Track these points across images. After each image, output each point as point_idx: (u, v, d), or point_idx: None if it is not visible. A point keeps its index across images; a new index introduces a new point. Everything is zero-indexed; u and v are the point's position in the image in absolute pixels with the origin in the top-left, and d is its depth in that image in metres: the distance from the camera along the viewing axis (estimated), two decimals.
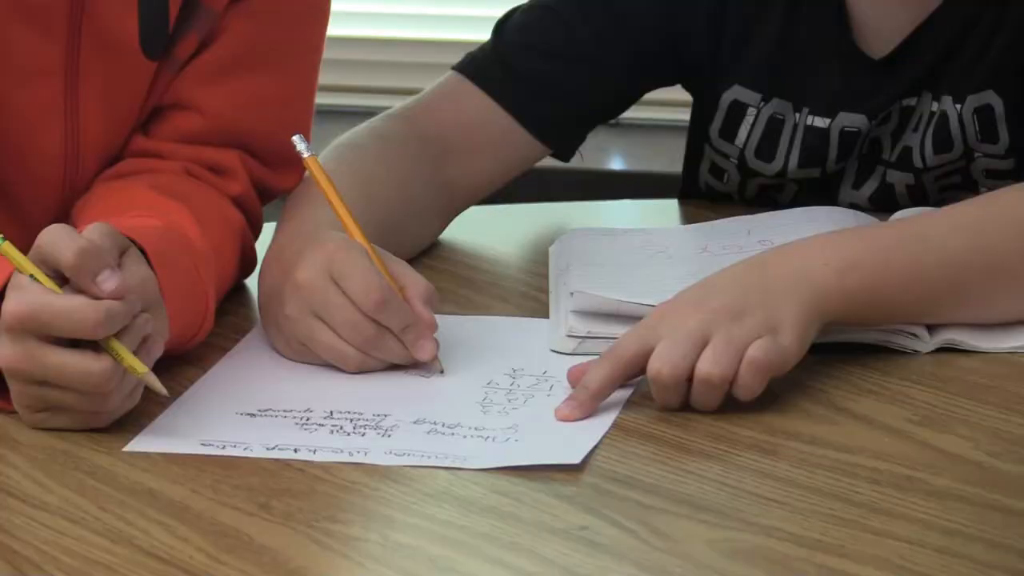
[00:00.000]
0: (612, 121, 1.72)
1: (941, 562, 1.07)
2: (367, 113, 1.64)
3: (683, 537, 1.12)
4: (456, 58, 1.67)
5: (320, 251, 1.36)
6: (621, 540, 1.12)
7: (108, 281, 1.23)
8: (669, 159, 1.77)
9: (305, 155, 1.41)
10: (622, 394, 1.30)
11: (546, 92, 1.63)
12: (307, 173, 1.48)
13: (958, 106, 1.60)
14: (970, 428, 1.26)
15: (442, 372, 1.35)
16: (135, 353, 1.24)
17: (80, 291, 1.23)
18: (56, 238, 1.24)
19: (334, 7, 1.57)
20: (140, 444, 1.25)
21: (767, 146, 1.66)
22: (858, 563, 1.07)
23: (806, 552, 1.10)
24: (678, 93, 1.74)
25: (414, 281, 1.37)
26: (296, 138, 1.41)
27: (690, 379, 1.28)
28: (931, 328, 1.39)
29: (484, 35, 1.68)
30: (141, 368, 1.25)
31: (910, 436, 1.26)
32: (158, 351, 1.28)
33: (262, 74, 1.52)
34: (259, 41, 1.51)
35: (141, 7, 1.45)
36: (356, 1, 2.71)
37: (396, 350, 1.35)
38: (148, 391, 1.27)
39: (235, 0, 1.49)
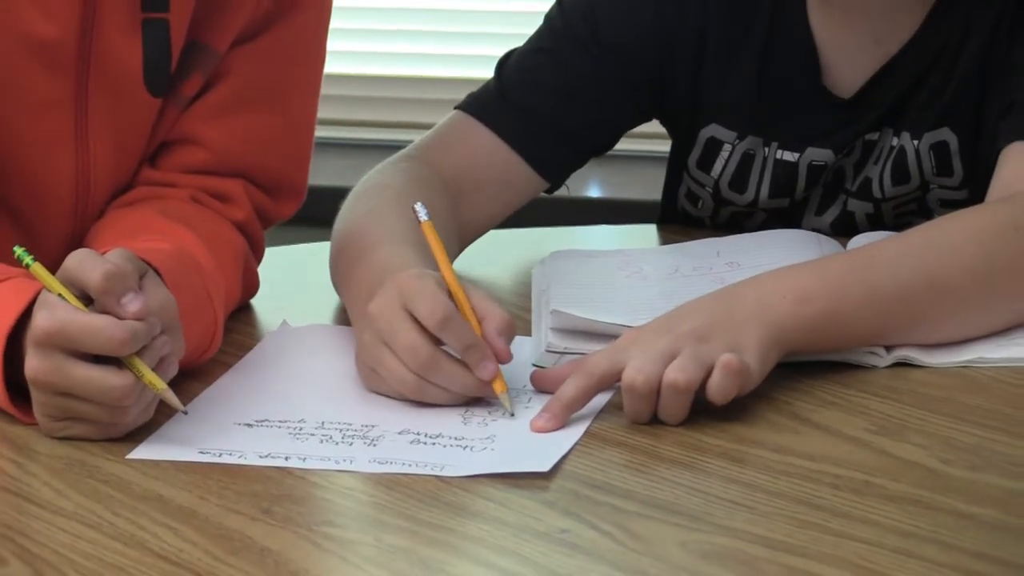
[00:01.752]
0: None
1: (897, 562, 1.07)
2: (363, 146, 1.64)
3: (657, 539, 1.12)
4: (443, 94, 1.67)
5: (392, 283, 1.33)
6: (599, 542, 1.12)
7: (132, 303, 1.23)
8: (643, 187, 1.77)
9: (424, 219, 1.37)
10: (592, 407, 1.30)
11: (547, 130, 1.63)
12: (344, 213, 1.50)
13: (916, 142, 1.60)
14: (924, 437, 1.26)
15: (512, 415, 1.31)
16: (154, 370, 1.25)
17: (106, 311, 1.24)
18: (83, 261, 1.25)
19: (331, 46, 1.57)
20: (143, 452, 1.25)
21: (740, 178, 1.66)
22: (820, 563, 1.07)
23: (772, 553, 1.09)
24: (652, 126, 1.73)
25: (492, 311, 1.33)
26: (418, 205, 1.38)
27: (660, 391, 1.27)
28: (887, 346, 1.39)
29: (469, 72, 1.68)
30: (160, 385, 1.25)
31: (868, 444, 1.26)
32: (174, 369, 1.28)
33: (265, 111, 1.52)
34: (261, 81, 1.51)
35: (145, 47, 1.45)
36: (352, 41, 2.72)
37: (455, 375, 1.30)
38: (161, 406, 1.27)
39: (238, 43, 1.49)
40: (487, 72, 1.68)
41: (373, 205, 1.50)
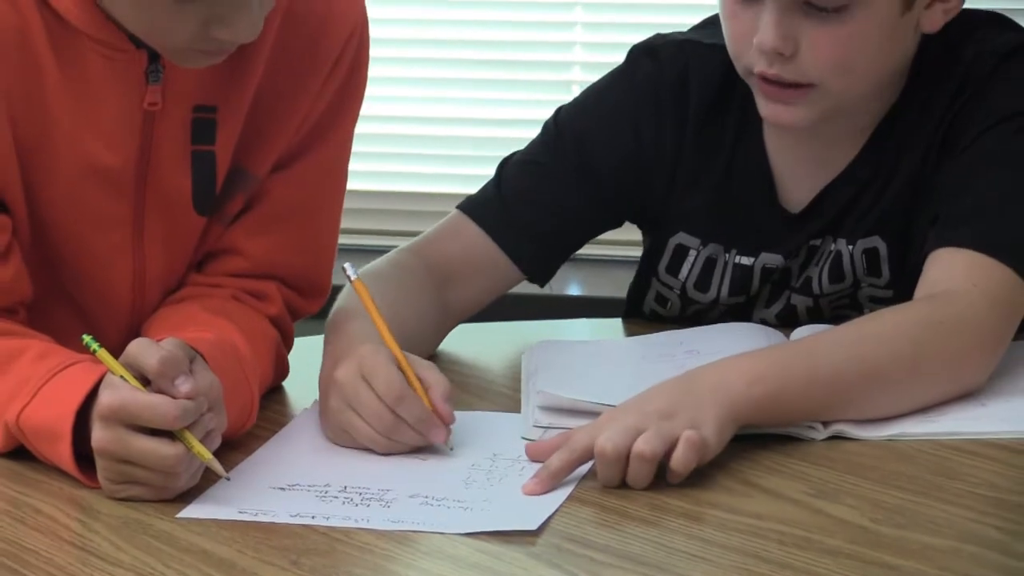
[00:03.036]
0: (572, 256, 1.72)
1: None
2: (378, 251, 1.65)
3: None
4: (446, 207, 1.67)
5: (354, 356, 1.36)
6: None
7: (184, 385, 1.24)
8: (615, 286, 1.77)
9: (353, 278, 1.40)
10: (575, 475, 1.29)
11: (530, 232, 1.62)
12: (342, 294, 1.49)
13: (850, 247, 1.59)
14: (856, 499, 1.26)
15: (451, 449, 1.34)
16: (201, 442, 1.25)
17: (161, 391, 1.24)
18: (142, 348, 1.26)
19: (351, 167, 1.57)
20: (191, 512, 1.25)
21: (704, 280, 1.65)
22: None
23: None
24: (623, 234, 1.73)
25: (436, 381, 1.36)
26: (347, 265, 1.41)
27: (628, 459, 1.27)
28: (823, 421, 1.38)
29: (465, 189, 1.68)
30: (207, 455, 1.25)
31: (808, 506, 1.25)
32: (218, 441, 1.28)
33: (297, 226, 1.51)
34: (295, 201, 1.51)
35: (194, 175, 1.45)
36: (370, 162, 2.72)
37: (412, 439, 1.34)
38: (207, 473, 1.27)
39: (276, 169, 1.49)
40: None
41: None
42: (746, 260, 1.62)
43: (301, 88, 1.47)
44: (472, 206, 1.63)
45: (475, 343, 1.65)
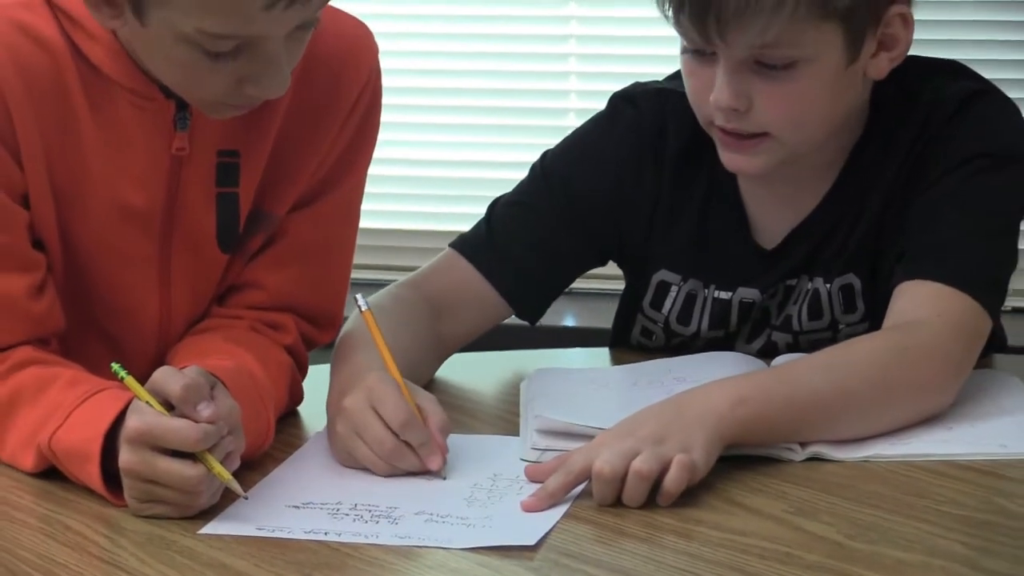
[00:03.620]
0: (566, 290, 1.72)
1: None
2: (373, 284, 1.65)
3: None
4: (437, 244, 1.66)
5: (362, 385, 1.36)
6: None
7: (205, 410, 1.24)
8: (606, 318, 1.77)
9: (363, 309, 1.40)
10: (570, 495, 1.29)
11: (517, 269, 1.61)
12: (349, 322, 1.49)
13: (828, 285, 1.59)
14: (832, 516, 1.26)
15: (444, 478, 1.34)
16: (221, 463, 1.25)
17: (183, 415, 1.24)
18: (167, 375, 1.26)
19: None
20: (211, 528, 1.25)
21: (685, 314, 1.64)
22: None
23: None
24: (612, 270, 1.72)
25: (434, 412, 1.36)
26: (358, 296, 1.40)
27: (623, 480, 1.27)
28: (802, 443, 1.38)
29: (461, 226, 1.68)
30: (226, 475, 1.25)
31: (787, 522, 1.25)
32: (237, 462, 1.28)
33: (313, 263, 1.51)
34: (311, 239, 1.51)
35: (218, 215, 1.45)
36: (380, 203, 2.71)
37: (413, 461, 1.34)
38: (226, 492, 1.27)
39: (294, 209, 1.49)
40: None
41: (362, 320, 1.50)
42: (724, 295, 1.62)
43: (319, 134, 1.47)
44: (463, 244, 1.63)
45: (477, 371, 1.65)
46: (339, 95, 1.47)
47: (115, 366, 1.27)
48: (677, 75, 1.58)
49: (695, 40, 1.46)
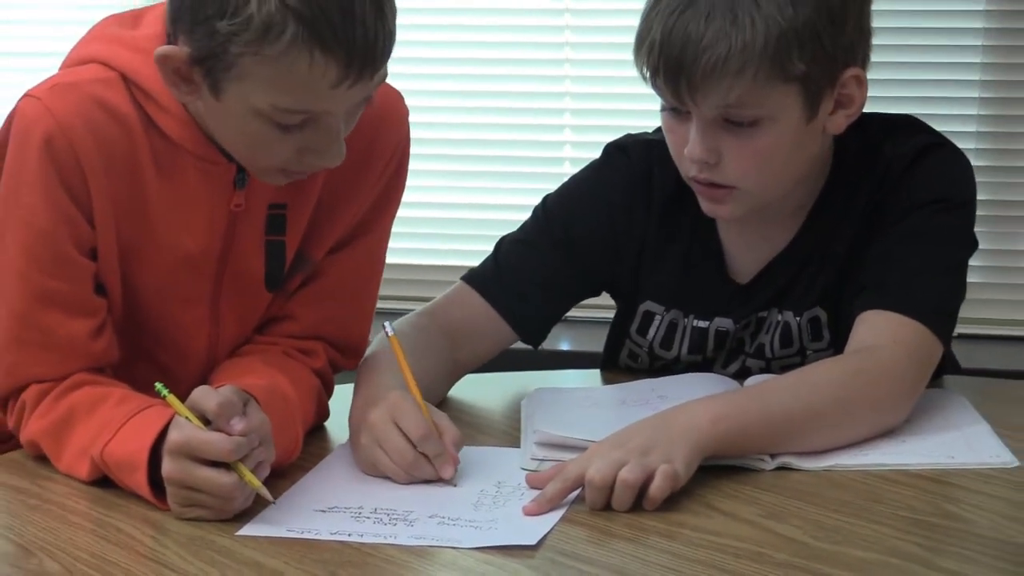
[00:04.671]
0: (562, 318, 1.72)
1: None
2: (395, 312, 1.64)
3: None
4: (447, 276, 1.65)
5: (385, 402, 1.36)
6: None
7: (238, 424, 1.24)
8: (598, 343, 1.77)
9: (390, 335, 1.40)
10: (566, 501, 1.29)
11: (521, 299, 1.61)
12: (375, 343, 1.49)
13: (798, 319, 1.58)
14: (799, 520, 1.26)
15: (455, 485, 1.34)
16: (252, 471, 1.25)
17: (219, 429, 1.24)
18: (204, 394, 1.26)
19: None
20: (247, 530, 1.25)
21: (667, 340, 1.64)
22: None
23: None
24: (602, 300, 1.72)
25: (448, 428, 1.36)
26: (386, 323, 1.41)
27: (613, 487, 1.27)
28: (772, 454, 1.38)
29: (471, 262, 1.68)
30: (256, 483, 1.25)
31: (760, 525, 1.25)
32: (267, 471, 1.28)
33: (343, 300, 1.52)
34: (342, 280, 1.51)
35: (267, 260, 1.45)
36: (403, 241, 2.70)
37: (429, 471, 1.34)
38: (258, 497, 1.27)
39: (329, 253, 1.50)
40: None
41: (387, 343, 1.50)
42: (702, 323, 1.61)
43: (356, 189, 1.48)
44: (474, 278, 1.63)
45: (483, 390, 1.64)
46: (374, 155, 1.48)
47: (158, 385, 1.27)
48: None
49: (670, 100, 1.47)
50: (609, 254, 1.62)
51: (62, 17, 2.83)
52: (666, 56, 1.43)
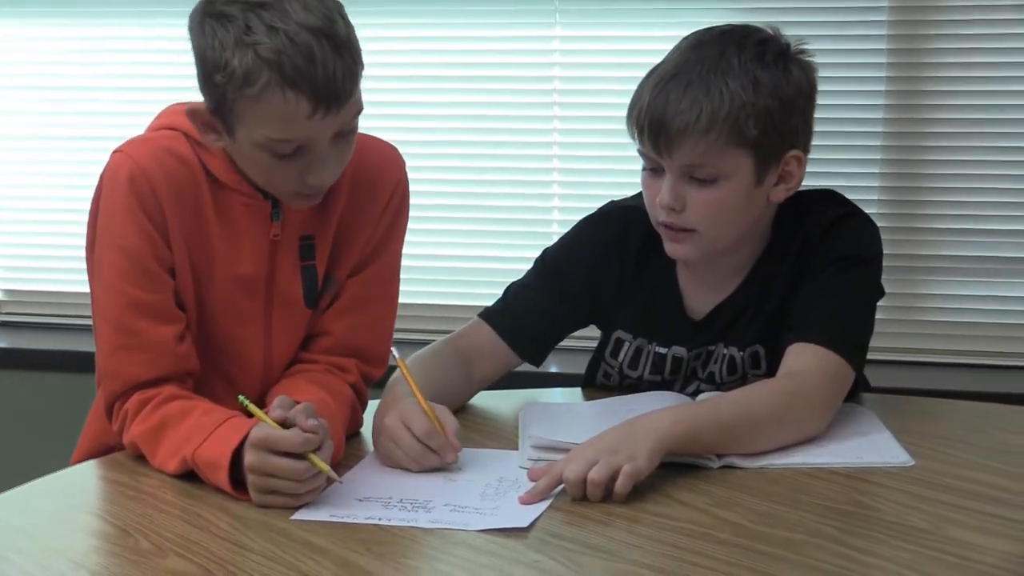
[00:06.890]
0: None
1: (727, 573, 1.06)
2: (422, 342, 1.64)
3: (589, 566, 1.12)
4: (463, 314, 1.65)
5: (396, 409, 1.37)
6: (556, 568, 1.12)
7: (310, 421, 1.25)
8: (580, 366, 1.77)
9: (397, 357, 1.41)
10: (554, 493, 1.29)
11: (525, 332, 1.62)
12: (391, 379, 1.48)
13: (741, 353, 1.58)
14: (742, 508, 1.25)
15: (460, 468, 1.34)
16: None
17: (294, 426, 1.25)
18: (283, 401, 1.28)
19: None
20: (300, 515, 1.24)
21: (634, 363, 1.63)
22: None
23: (655, 573, 1.09)
24: (584, 332, 1.71)
25: (448, 420, 1.36)
26: (393, 348, 1.42)
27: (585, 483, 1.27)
28: (718, 455, 1.38)
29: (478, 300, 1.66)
30: (325, 468, 1.25)
31: (708, 512, 1.25)
32: (331, 460, 1.28)
33: (367, 312, 1.50)
34: (365, 295, 1.50)
35: (303, 281, 1.45)
36: (417, 285, 2.69)
37: (435, 460, 1.34)
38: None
39: (351, 274, 1.50)
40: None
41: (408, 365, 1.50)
42: (662, 350, 1.61)
43: (366, 219, 1.48)
44: (487, 314, 1.64)
45: (489, 403, 1.64)
46: (377, 195, 1.49)
47: (241, 397, 1.28)
48: (639, 194, 1.60)
49: (650, 153, 1.48)
50: (592, 295, 1.63)
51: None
52: (650, 117, 1.46)
